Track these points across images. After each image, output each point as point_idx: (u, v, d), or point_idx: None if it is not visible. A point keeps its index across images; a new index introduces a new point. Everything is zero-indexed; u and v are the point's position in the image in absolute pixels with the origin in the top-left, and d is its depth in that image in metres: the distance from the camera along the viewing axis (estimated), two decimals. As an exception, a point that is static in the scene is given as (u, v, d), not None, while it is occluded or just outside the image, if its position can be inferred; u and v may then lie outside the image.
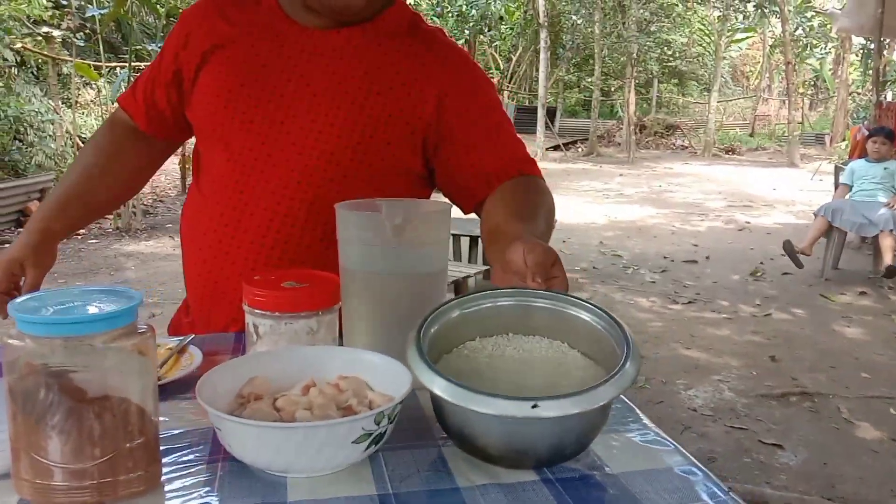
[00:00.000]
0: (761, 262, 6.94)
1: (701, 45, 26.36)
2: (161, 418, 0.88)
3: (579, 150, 21.97)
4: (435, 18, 17.70)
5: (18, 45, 9.77)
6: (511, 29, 21.84)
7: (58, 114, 10.02)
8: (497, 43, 22.30)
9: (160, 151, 1.45)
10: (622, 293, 5.82)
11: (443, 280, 1.01)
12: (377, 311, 0.97)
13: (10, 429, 0.68)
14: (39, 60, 10.83)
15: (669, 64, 26.89)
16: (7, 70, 9.79)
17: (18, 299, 0.69)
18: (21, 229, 7.48)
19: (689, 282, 6.23)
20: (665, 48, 24.34)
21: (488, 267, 5.83)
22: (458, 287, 4.71)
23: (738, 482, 2.81)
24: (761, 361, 4.27)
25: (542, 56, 17.88)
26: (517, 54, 25.94)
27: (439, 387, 0.74)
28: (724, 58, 23.79)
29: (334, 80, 1.19)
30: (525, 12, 17.36)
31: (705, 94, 25.80)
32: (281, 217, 1.18)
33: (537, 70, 18.98)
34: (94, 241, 7.37)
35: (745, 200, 11.54)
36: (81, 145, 10.51)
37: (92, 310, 0.68)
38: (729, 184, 13.80)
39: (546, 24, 17.28)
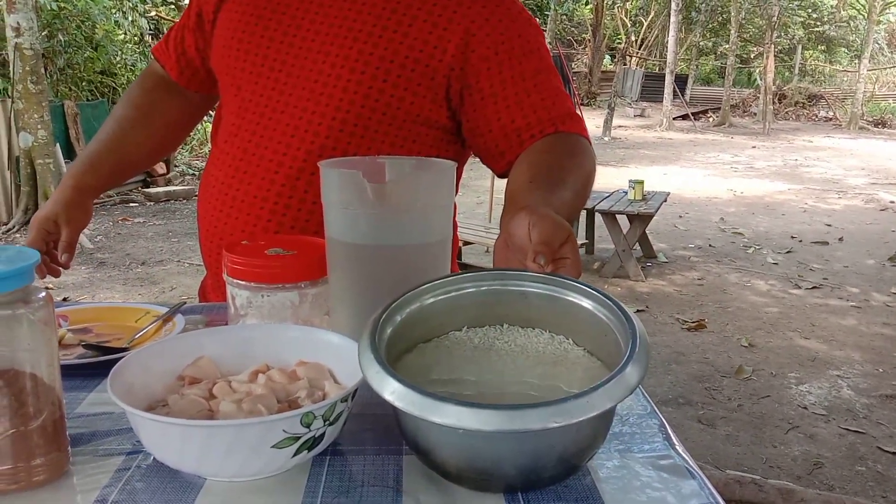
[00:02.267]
0: (904, 247, 6.27)
1: (854, 7, 24.20)
2: (102, 394, 0.80)
3: (710, 119, 20.85)
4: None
5: (153, 14, 10.26)
6: (639, -9, 20.83)
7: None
8: (619, 4, 21.37)
9: (196, 106, 1.39)
10: (738, 274, 5.41)
11: (442, 253, 0.85)
12: (361, 287, 0.83)
13: None
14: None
15: (816, 29, 24.94)
16: (143, 38, 10.32)
17: None
18: (146, 190, 7.92)
19: (817, 265, 5.71)
20: (811, 11, 22.51)
21: (586, 241, 5.60)
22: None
23: (848, 493, 2.49)
24: (890, 358, 3.82)
25: (672, 19, 16.96)
26: (648, 19, 24.87)
27: (381, 383, 0.59)
28: (880, 21, 21.70)
29: (349, 17, 1.06)
30: (656, -26, 16.45)
31: (856, 62, 23.72)
32: (286, 169, 1.08)
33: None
34: (212, 201, 7.67)
35: (892, 178, 10.51)
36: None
37: (-25, 272, 0.58)
38: (874, 159, 12.65)
39: (678, -15, 16.34)
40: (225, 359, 0.75)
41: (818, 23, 24.38)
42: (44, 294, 0.62)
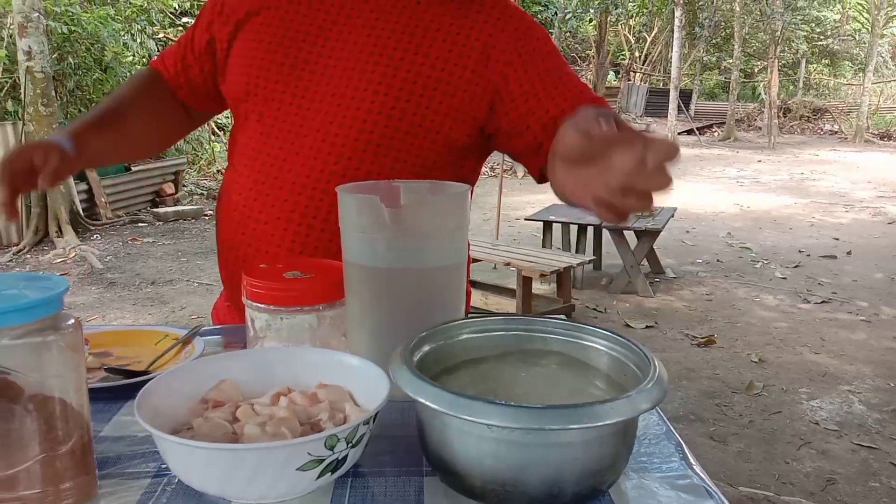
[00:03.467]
0: (912, 260, 6.25)
1: (857, 21, 24.27)
2: (125, 417, 0.82)
3: (715, 134, 20.88)
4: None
5: (161, 35, 10.36)
6: (641, 6, 20.95)
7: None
8: (623, 21, 21.49)
9: (192, 117, 1.36)
10: (747, 289, 5.40)
11: (458, 276, 0.87)
12: (378, 311, 0.84)
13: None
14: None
15: (820, 43, 25.00)
16: (151, 59, 10.41)
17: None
18: (155, 209, 7.96)
19: (825, 279, 5.69)
20: (814, 25, 22.59)
21: (594, 257, 5.60)
22: (560, 278, 4.51)
23: (862, 509, 2.48)
24: (902, 372, 3.80)
25: (675, 35, 17.03)
26: (652, 35, 24.97)
27: (413, 386, 0.62)
28: (883, 35, 21.74)
29: (370, 41, 1.09)
30: (659, -10, 16.56)
31: (860, 75, 23.75)
32: (309, 191, 1.09)
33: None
34: (220, 220, 7.71)
35: (899, 191, 10.49)
36: (216, 130, 11.12)
37: (5, 301, 0.60)
38: (881, 172, 12.63)
39: (682, 1, 16.42)
40: (247, 381, 0.76)
41: (822, 37, 24.45)
42: (72, 321, 0.64)
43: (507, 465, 0.61)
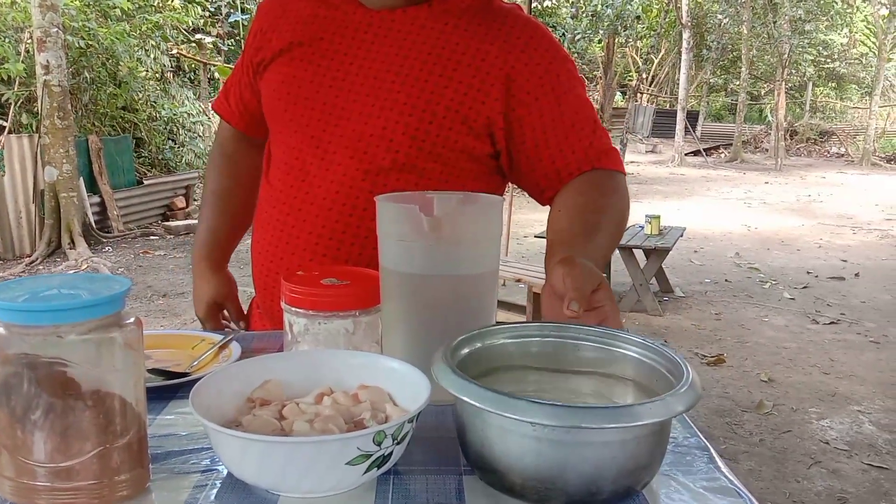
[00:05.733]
0: (921, 282, 6.25)
1: (864, 44, 24.38)
2: (168, 417, 0.85)
3: (722, 155, 20.92)
4: (569, 20, 17.40)
5: (174, 52, 10.49)
6: (649, 29, 21.09)
7: (207, 115, 10.67)
8: (631, 43, 21.64)
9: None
10: (755, 309, 5.41)
11: (491, 283, 0.90)
12: (414, 316, 0.88)
13: (-10, 422, 0.65)
14: (193, 65, 11.60)
15: (826, 66, 25.11)
16: (164, 74, 10.54)
17: (-4, 284, 0.65)
18: (166, 223, 8.03)
19: (833, 300, 5.70)
20: (821, 49, 22.70)
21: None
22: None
23: (874, 529, 2.48)
24: (912, 393, 3.80)
25: (683, 57, 17.15)
26: (659, 56, 25.12)
27: (456, 386, 0.64)
28: (890, 59, 21.83)
29: (396, 63, 1.12)
30: (666, 12, 16.67)
31: (867, 98, 23.82)
32: (339, 206, 1.13)
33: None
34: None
35: (907, 214, 10.49)
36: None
37: (71, 297, 0.63)
38: (888, 195, 12.63)
39: (689, 23, 16.55)
40: (290, 382, 0.78)
41: (829, 60, 24.56)
42: (133, 319, 0.66)
43: (547, 462, 0.63)
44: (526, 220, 8.82)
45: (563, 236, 1.02)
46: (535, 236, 6.00)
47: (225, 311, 1.44)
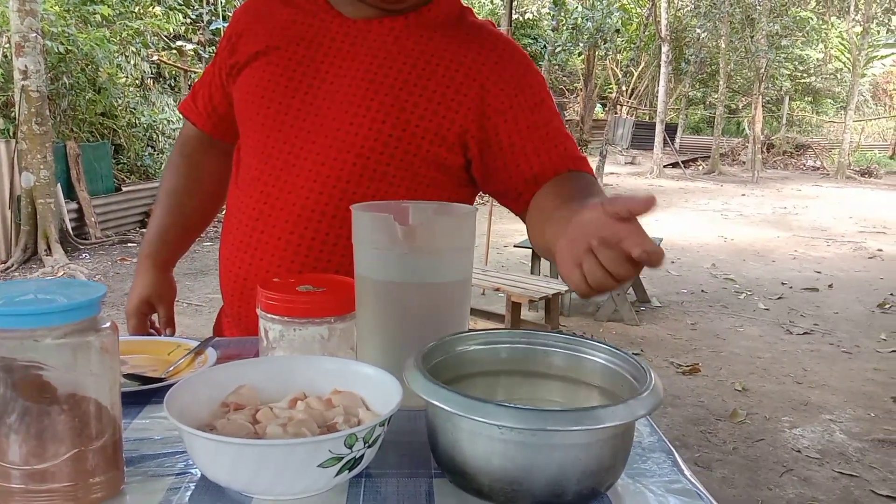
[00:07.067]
0: (891, 294, 6.37)
1: (839, 60, 24.80)
2: (143, 421, 0.86)
3: (700, 168, 21.16)
4: (550, 32, 17.56)
5: (155, 58, 10.44)
6: (629, 42, 21.33)
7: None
8: (611, 55, 21.87)
9: (229, 154, 1.43)
10: (731, 319, 5.47)
11: (464, 291, 0.92)
12: (389, 323, 0.89)
13: (-35, 425, 0.65)
14: (174, 72, 11.54)
15: (803, 80, 25.51)
16: (144, 81, 10.49)
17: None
18: (145, 230, 7.98)
19: (807, 311, 5.78)
20: (798, 64, 23.08)
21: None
22: (549, 304, 4.56)
23: (843, 536, 2.53)
24: (881, 403, 3.87)
25: (662, 70, 17.35)
26: (639, 69, 25.37)
27: (427, 390, 0.67)
28: (864, 74, 22.24)
29: (371, 71, 1.13)
30: (646, 26, 16.89)
31: (842, 113, 24.22)
32: (308, 213, 1.13)
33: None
34: (208, 243, 7.72)
35: (879, 226, 10.68)
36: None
37: (48, 302, 0.64)
38: (862, 208, 12.85)
39: (668, 37, 16.76)
40: (264, 387, 0.80)
41: (805, 75, 24.97)
42: (109, 324, 0.68)
43: (514, 464, 0.65)
44: (506, 230, 8.86)
45: (562, 204, 0.99)
46: (515, 246, 6.04)
47: (154, 316, 1.38)
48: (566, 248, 0.79)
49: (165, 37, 10.68)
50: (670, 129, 21.09)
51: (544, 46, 18.14)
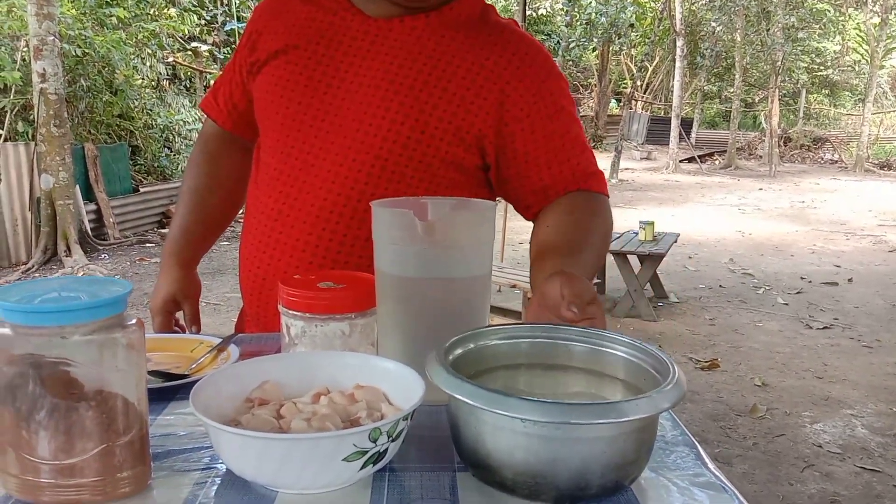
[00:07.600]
0: (914, 288, 6.29)
1: (857, 52, 24.54)
2: (168, 417, 0.86)
3: (716, 162, 21.02)
4: (564, 28, 17.49)
5: (171, 60, 10.51)
6: (643, 37, 21.20)
7: (203, 123, 10.67)
8: (625, 50, 21.75)
9: (250, 151, 1.44)
10: (749, 315, 5.44)
11: (484, 286, 0.92)
12: (409, 318, 0.90)
13: (-5, 420, 0.66)
14: (189, 73, 11.62)
15: (820, 73, 25.26)
16: (160, 82, 10.57)
17: (1, 287, 0.67)
18: (162, 230, 8.04)
19: (827, 305, 5.73)
20: (814, 56, 22.85)
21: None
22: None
23: (866, 531, 2.51)
24: (904, 397, 3.83)
25: (677, 65, 17.24)
26: (653, 64, 25.23)
27: (450, 385, 0.67)
28: (882, 66, 21.98)
29: (391, 71, 1.13)
30: (660, 20, 16.79)
31: (860, 105, 23.96)
32: (326, 213, 1.13)
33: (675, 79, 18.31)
34: (225, 242, 7.76)
35: (900, 220, 10.56)
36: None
37: (74, 300, 0.65)
38: (881, 201, 12.71)
39: (683, 31, 16.64)
40: (287, 383, 0.80)
41: (822, 67, 24.74)
42: (135, 321, 0.68)
43: (537, 458, 0.65)
44: (521, 226, 8.83)
45: (552, 251, 1.06)
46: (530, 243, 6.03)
47: (178, 314, 1.40)
48: (537, 311, 0.88)
49: (180, 38, 10.75)
50: (686, 124, 20.96)
51: (558, 42, 18.08)
